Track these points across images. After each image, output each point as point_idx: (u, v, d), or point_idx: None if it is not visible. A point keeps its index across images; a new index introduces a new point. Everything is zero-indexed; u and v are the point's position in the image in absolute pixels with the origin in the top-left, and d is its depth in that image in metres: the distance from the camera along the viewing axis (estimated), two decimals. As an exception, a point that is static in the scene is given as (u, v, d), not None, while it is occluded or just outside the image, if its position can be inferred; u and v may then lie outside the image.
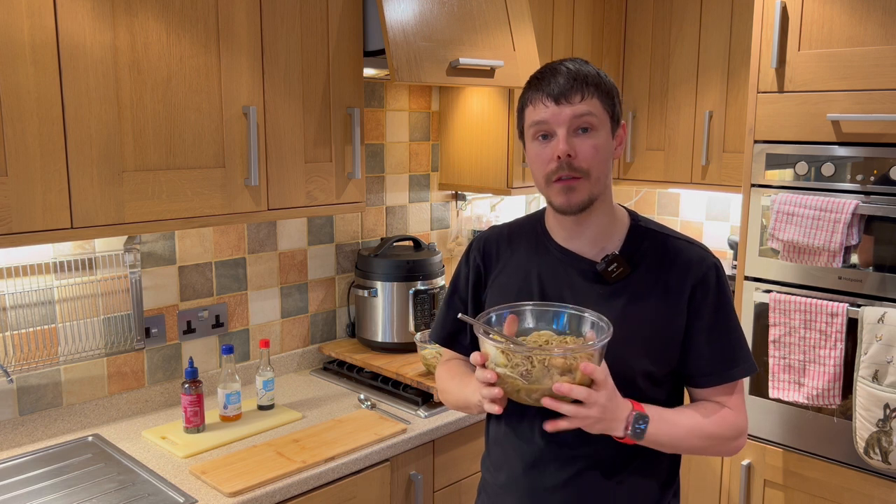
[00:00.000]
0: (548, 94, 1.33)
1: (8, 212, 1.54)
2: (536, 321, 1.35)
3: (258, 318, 2.44)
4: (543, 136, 1.35)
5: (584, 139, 1.33)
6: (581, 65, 1.36)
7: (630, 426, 1.28)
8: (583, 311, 1.33)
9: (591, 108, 1.33)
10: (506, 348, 1.23)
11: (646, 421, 1.29)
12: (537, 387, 1.22)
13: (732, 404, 1.41)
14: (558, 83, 1.33)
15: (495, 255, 1.52)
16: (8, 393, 1.93)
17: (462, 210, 3.01)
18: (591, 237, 1.42)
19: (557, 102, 1.32)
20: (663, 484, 1.45)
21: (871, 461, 2.16)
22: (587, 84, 1.33)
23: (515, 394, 1.25)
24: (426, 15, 2.16)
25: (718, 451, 1.42)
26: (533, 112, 1.36)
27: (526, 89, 1.39)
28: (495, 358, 1.25)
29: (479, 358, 1.27)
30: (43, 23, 1.55)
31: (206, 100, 1.82)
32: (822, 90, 2.25)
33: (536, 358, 1.21)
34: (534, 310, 1.36)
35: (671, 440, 1.34)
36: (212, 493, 1.72)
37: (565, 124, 1.32)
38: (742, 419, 1.41)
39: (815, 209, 2.22)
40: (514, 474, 1.44)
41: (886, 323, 2.10)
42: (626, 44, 3.06)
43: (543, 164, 1.35)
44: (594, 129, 1.34)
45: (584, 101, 1.32)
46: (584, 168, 1.33)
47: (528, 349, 1.23)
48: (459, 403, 1.49)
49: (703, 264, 1.40)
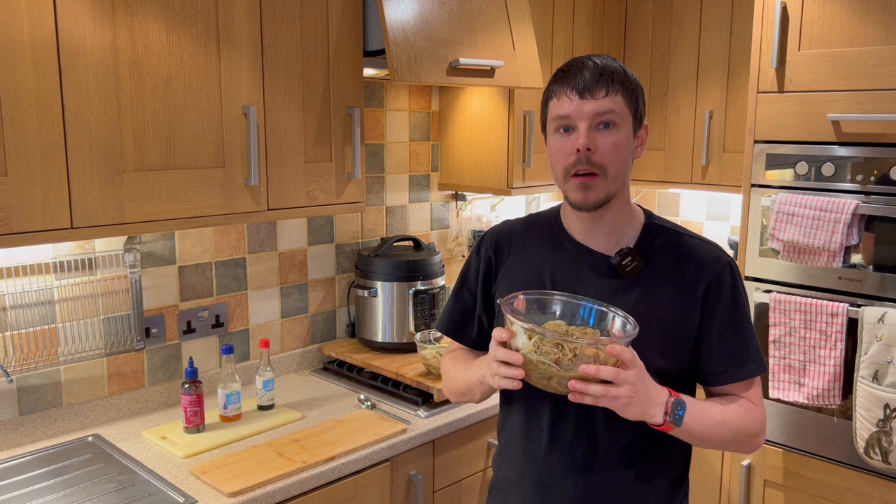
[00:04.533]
0: (573, 87, 1.33)
1: (8, 212, 1.54)
2: (562, 312, 1.35)
3: (258, 318, 2.44)
4: (565, 130, 1.36)
5: (605, 135, 1.33)
6: (608, 61, 1.36)
7: (670, 412, 1.27)
8: (610, 308, 1.33)
9: (614, 105, 1.33)
10: (539, 335, 1.22)
11: (684, 408, 1.28)
12: (569, 374, 1.22)
13: (752, 398, 1.41)
14: (584, 77, 1.33)
15: (507, 249, 1.53)
16: (8, 393, 1.93)
17: (462, 210, 3.01)
18: (607, 233, 1.43)
19: (581, 96, 1.33)
20: (674, 483, 1.46)
21: (871, 461, 2.16)
22: (613, 80, 1.33)
23: (545, 381, 1.24)
24: (426, 15, 2.16)
25: (742, 446, 1.41)
26: (557, 105, 1.36)
27: (552, 82, 1.39)
28: (525, 344, 1.24)
29: (504, 335, 1.26)
30: (43, 23, 1.55)
31: (206, 100, 1.82)
32: (822, 90, 2.25)
33: (568, 346, 1.21)
34: (562, 300, 1.36)
35: (703, 430, 1.33)
36: (212, 494, 1.72)
37: (587, 119, 1.32)
38: (762, 413, 1.42)
39: (815, 209, 2.22)
40: (525, 470, 1.45)
41: (886, 323, 2.10)
42: (626, 44, 3.06)
43: (563, 157, 1.36)
44: (616, 126, 1.34)
45: (608, 97, 1.32)
46: (602, 164, 1.33)
47: (561, 336, 1.23)
48: (462, 388, 1.49)
49: (719, 263, 1.40)
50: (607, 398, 1.21)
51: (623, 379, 1.20)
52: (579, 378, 1.21)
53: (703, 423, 1.32)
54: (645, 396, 1.24)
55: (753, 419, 1.39)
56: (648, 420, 1.27)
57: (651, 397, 1.25)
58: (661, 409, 1.26)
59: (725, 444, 1.39)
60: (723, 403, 1.39)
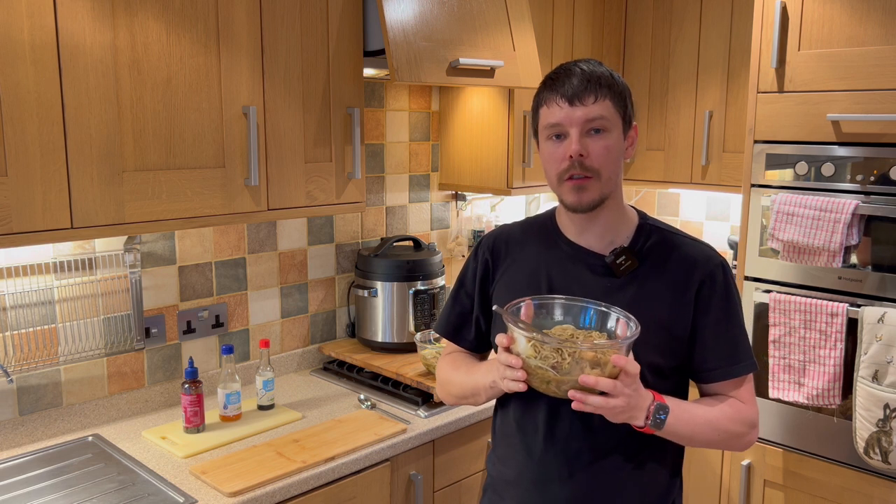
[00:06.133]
0: (562, 94, 1.36)
1: (8, 212, 1.54)
2: (564, 315, 1.38)
3: (258, 318, 2.44)
4: (557, 136, 1.38)
5: (596, 140, 1.36)
6: (595, 66, 1.38)
7: (651, 416, 1.30)
8: (610, 308, 1.35)
9: (603, 110, 1.36)
10: (537, 341, 1.25)
11: (666, 412, 1.31)
12: (568, 378, 1.24)
13: (744, 397, 1.43)
14: (572, 84, 1.35)
15: (504, 252, 1.55)
16: (8, 393, 1.93)
17: (462, 210, 3.01)
18: (601, 233, 1.45)
19: (571, 104, 1.35)
20: (671, 473, 1.48)
21: (871, 461, 2.16)
22: (601, 86, 1.36)
23: (545, 385, 1.27)
24: (426, 15, 2.16)
25: (731, 445, 1.44)
26: (547, 113, 1.39)
27: (540, 89, 1.42)
28: (525, 349, 1.26)
29: (505, 340, 1.30)
30: (43, 23, 1.55)
31: (206, 100, 1.82)
32: (822, 90, 2.25)
33: (567, 351, 1.24)
34: (563, 304, 1.39)
35: (689, 431, 1.36)
36: (212, 493, 1.72)
37: (578, 125, 1.35)
38: (753, 411, 1.44)
39: (815, 209, 2.22)
40: (522, 468, 1.45)
41: (886, 323, 2.10)
42: (626, 44, 3.06)
43: (556, 164, 1.38)
44: (606, 131, 1.37)
45: (598, 103, 1.35)
46: (595, 168, 1.36)
47: (558, 341, 1.25)
48: (465, 391, 1.50)
49: (711, 262, 1.43)
50: (605, 409, 1.25)
51: (619, 391, 1.24)
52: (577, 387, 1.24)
53: (687, 424, 1.35)
54: (634, 403, 1.27)
55: (743, 418, 1.41)
56: (631, 423, 1.31)
57: (638, 403, 1.28)
58: (643, 413, 1.30)
59: (713, 444, 1.42)
60: (711, 404, 1.41)
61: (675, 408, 1.33)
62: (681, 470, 1.52)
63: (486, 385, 1.42)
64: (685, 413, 1.35)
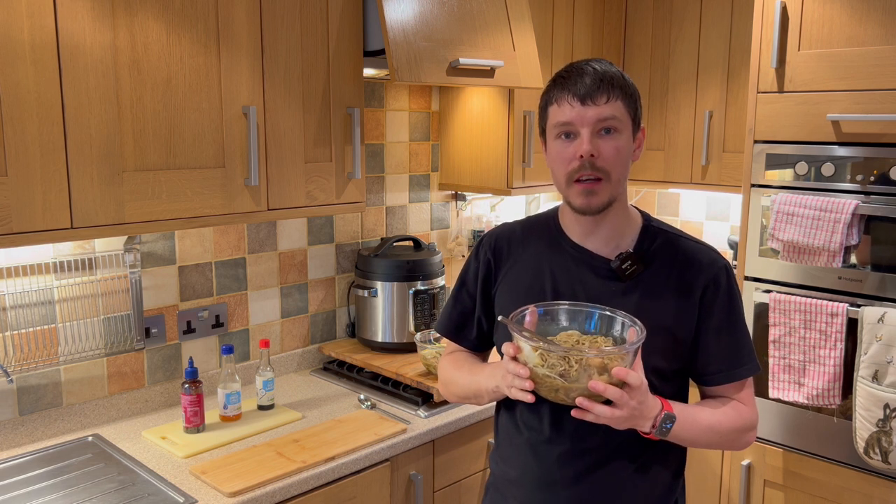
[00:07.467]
0: (574, 93, 1.34)
1: (8, 212, 1.54)
2: (569, 321, 1.37)
3: (258, 318, 2.44)
4: (566, 136, 1.37)
5: (607, 140, 1.35)
6: (607, 66, 1.37)
7: (657, 425, 1.31)
8: (615, 312, 1.35)
9: (615, 111, 1.34)
10: (543, 350, 1.24)
11: (672, 421, 1.31)
12: (576, 385, 1.23)
13: (745, 399, 1.44)
14: (584, 83, 1.34)
15: (506, 252, 1.54)
16: (8, 393, 1.93)
17: (462, 210, 3.01)
18: (606, 236, 1.44)
19: (583, 103, 1.34)
20: (675, 473, 1.48)
21: (871, 461, 2.16)
22: (613, 86, 1.34)
23: (553, 393, 1.26)
24: (426, 15, 2.16)
25: (731, 446, 1.45)
26: (558, 111, 1.37)
27: (550, 87, 1.40)
28: (532, 358, 1.26)
29: (512, 350, 1.29)
30: (43, 23, 1.55)
31: (206, 100, 1.82)
32: (821, 90, 2.25)
33: (574, 358, 1.23)
34: (568, 309, 1.38)
35: (692, 436, 1.37)
36: (212, 493, 1.72)
37: (590, 125, 1.34)
38: (753, 413, 1.45)
39: (815, 209, 2.22)
40: (525, 468, 1.45)
41: (886, 323, 2.10)
42: (626, 44, 3.06)
43: (565, 163, 1.37)
44: (617, 131, 1.35)
45: (609, 103, 1.34)
46: (605, 169, 1.35)
47: (564, 349, 1.24)
48: (468, 393, 1.50)
49: (715, 265, 1.43)
50: (610, 420, 1.25)
51: (625, 402, 1.23)
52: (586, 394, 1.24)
53: (691, 430, 1.36)
54: (640, 413, 1.27)
55: (744, 420, 1.42)
56: (637, 429, 1.31)
57: (645, 412, 1.28)
58: (649, 422, 1.30)
59: (713, 446, 1.43)
60: (714, 407, 1.42)
61: (680, 415, 1.33)
62: (683, 470, 1.52)
63: (489, 389, 1.42)
64: (689, 419, 1.35)
